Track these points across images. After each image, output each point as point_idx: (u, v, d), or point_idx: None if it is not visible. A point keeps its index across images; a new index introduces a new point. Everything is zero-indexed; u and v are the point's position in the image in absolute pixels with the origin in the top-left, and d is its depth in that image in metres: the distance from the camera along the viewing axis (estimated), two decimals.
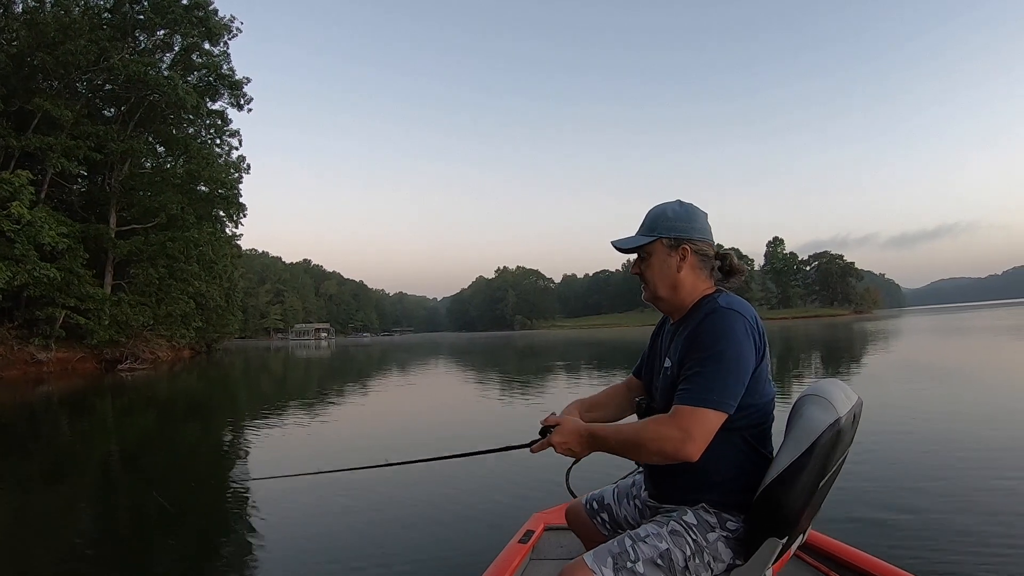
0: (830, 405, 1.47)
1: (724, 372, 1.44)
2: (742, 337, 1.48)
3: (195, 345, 40.19)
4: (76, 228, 28.26)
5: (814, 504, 1.51)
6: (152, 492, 5.68)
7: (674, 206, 1.65)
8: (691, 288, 1.63)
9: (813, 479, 1.44)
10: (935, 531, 3.70)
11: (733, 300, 1.57)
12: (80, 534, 4.68)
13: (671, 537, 1.54)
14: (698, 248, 1.63)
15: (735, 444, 1.54)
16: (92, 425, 11.25)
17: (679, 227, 1.63)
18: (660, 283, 1.64)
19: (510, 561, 2.35)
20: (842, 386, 1.56)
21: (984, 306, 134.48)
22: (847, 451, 1.58)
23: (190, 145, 35.40)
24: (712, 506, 1.57)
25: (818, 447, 1.43)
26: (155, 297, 32.54)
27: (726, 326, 1.49)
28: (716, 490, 1.57)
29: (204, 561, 4.06)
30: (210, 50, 35.28)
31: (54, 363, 27.02)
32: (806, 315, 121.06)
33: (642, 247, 1.65)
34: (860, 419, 1.59)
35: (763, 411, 1.56)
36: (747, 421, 1.53)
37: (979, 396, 9.35)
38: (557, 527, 2.69)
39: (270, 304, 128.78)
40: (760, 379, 1.53)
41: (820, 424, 1.45)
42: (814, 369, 15.61)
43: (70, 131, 28.55)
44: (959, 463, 5.34)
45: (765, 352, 1.54)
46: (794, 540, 1.54)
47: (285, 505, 5.00)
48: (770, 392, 1.58)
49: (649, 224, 1.66)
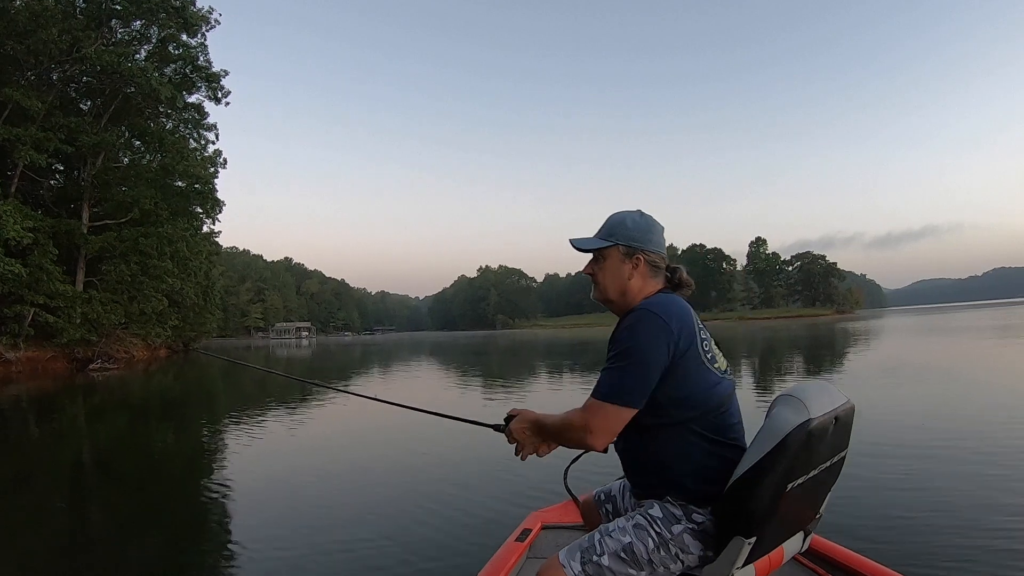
0: (802, 406, 1.43)
1: (629, 368, 1.52)
2: (651, 334, 1.52)
3: (172, 344, 39.37)
4: (46, 223, 27.42)
5: (787, 507, 1.48)
6: (123, 495, 5.67)
7: (634, 216, 1.74)
8: (636, 293, 1.69)
9: (779, 480, 1.42)
10: (930, 533, 3.69)
11: (656, 301, 1.62)
12: (49, 539, 4.55)
13: (634, 531, 1.59)
14: (651, 259, 1.70)
15: (686, 437, 1.57)
16: (61, 427, 10.97)
17: (636, 237, 1.70)
18: (611, 287, 1.71)
19: (507, 560, 2.37)
20: (827, 389, 1.54)
21: (964, 307, 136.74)
22: (835, 456, 1.56)
23: (165, 138, 34.48)
24: (678, 499, 1.59)
25: (784, 448, 1.40)
26: (127, 295, 31.70)
27: (635, 324, 1.55)
28: (680, 483, 1.59)
29: (182, 565, 3.98)
30: (187, 41, 34.44)
31: (23, 363, 26.25)
32: (788, 315, 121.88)
33: (599, 250, 1.73)
34: (851, 424, 1.57)
35: (708, 401, 1.58)
36: (692, 412, 1.56)
37: (968, 394, 9.32)
38: (554, 526, 2.76)
39: (251, 303, 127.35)
40: (689, 371, 1.55)
41: (787, 425, 1.41)
42: (796, 371, 15.47)
43: (41, 123, 27.72)
44: (952, 463, 5.32)
45: (693, 344, 1.56)
46: (769, 542, 1.51)
47: (271, 502, 5.00)
48: (714, 380, 1.59)
49: (608, 230, 1.73)
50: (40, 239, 26.32)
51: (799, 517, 1.61)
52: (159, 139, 34.59)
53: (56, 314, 27.46)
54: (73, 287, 28.99)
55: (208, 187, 36.58)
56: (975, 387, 10.43)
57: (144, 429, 10.50)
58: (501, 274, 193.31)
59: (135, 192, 32.07)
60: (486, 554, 2.49)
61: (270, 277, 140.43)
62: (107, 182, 32.47)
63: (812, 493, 1.56)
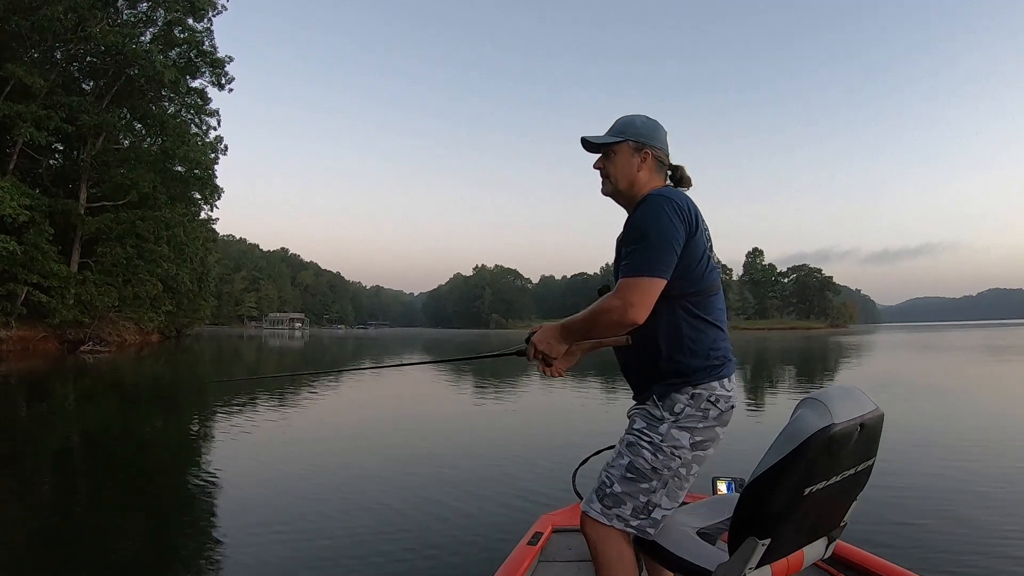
0: (826, 410, 1.39)
1: (653, 244, 1.61)
2: (667, 215, 1.63)
3: (164, 330, 39.15)
4: (43, 202, 27.22)
5: (806, 512, 1.45)
6: (110, 481, 5.59)
7: (642, 118, 1.86)
8: (644, 185, 1.80)
9: (796, 484, 1.39)
10: (954, 538, 3.73)
11: (666, 190, 1.76)
12: (34, 523, 4.43)
13: (628, 450, 1.71)
14: (657, 154, 1.82)
15: (677, 312, 1.68)
16: (50, 408, 10.88)
17: (644, 134, 1.82)
18: (621, 178, 1.81)
19: (519, 564, 2.36)
20: (854, 394, 1.49)
21: (958, 326, 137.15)
22: (861, 465, 1.51)
23: (166, 122, 34.27)
24: (660, 397, 1.70)
25: (803, 452, 1.37)
26: (122, 277, 31.53)
27: (653, 208, 1.66)
28: (669, 357, 1.68)
29: (168, 552, 3.92)
30: (193, 26, 34.26)
31: (14, 341, 26.12)
32: (782, 327, 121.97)
33: (609, 146, 1.83)
34: (880, 433, 1.53)
35: (703, 281, 1.70)
36: (690, 288, 1.68)
37: (969, 411, 9.27)
38: (565, 529, 2.75)
39: (245, 291, 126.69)
40: (696, 251, 1.67)
41: (809, 428, 1.38)
42: (793, 381, 15.38)
43: (43, 101, 27.48)
44: (967, 474, 5.37)
45: (698, 229, 1.68)
46: (786, 545, 1.49)
47: (269, 499, 4.86)
48: (712, 266, 1.74)
49: (619, 128, 1.84)
50: (36, 217, 26.12)
51: (820, 523, 1.57)
52: (160, 122, 34.42)
53: (49, 294, 27.26)
54: (67, 267, 28.79)
55: (208, 173, 36.42)
56: (974, 404, 10.42)
57: (134, 414, 10.36)
58: (497, 273, 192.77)
59: (134, 175, 31.86)
60: (498, 558, 2.47)
61: (266, 267, 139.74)
62: (106, 163, 32.26)
63: (834, 500, 1.52)
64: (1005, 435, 7.50)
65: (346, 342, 50.36)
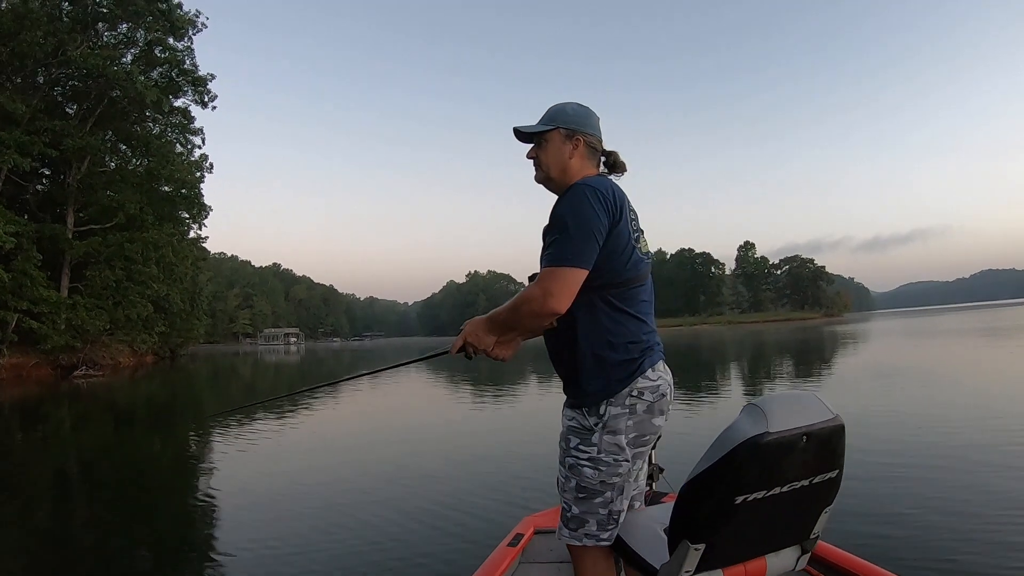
0: (762, 418, 1.33)
1: (575, 234, 1.59)
2: (590, 204, 1.61)
3: (158, 350, 38.92)
4: (30, 228, 27.09)
5: (744, 521, 1.37)
6: (107, 503, 5.60)
7: (573, 105, 1.85)
8: (575, 173, 1.78)
9: (726, 491, 1.33)
10: (934, 539, 3.62)
11: (592, 179, 1.72)
12: (32, 547, 4.44)
13: (572, 472, 1.69)
14: (589, 141, 1.81)
15: (598, 304, 1.66)
16: (45, 434, 10.85)
17: (575, 121, 1.80)
18: (553, 165, 1.80)
19: (499, 564, 2.36)
20: (804, 401, 1.42)
21: (951, 309, 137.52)
22: (815, 477, 1.41)
23: (151, 143, 34.20)
24: (590, 407, 1.67)
25: (731, 460, 1.32)
26: (112, 300, 31.36)
27: (575, 197, 1.64)
28: (584, 362, 1.67)
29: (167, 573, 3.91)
30: (173, 45, 34.21)
31: (6, 369, 25.99)
32: (777, 319, 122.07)
33: (541, 134, 1.81)
34: (838, 444, 1.41)
35: (625, 273, 1.68)
36: (610, 279, 1.66)
37: (965, 398, 9.16)
38: (547, 530, 2.74)
39: (239, 308, 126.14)
40: (619, 243, 1.65)
41: (739, 435, 1.33)
42: (779, 377, 15.39)
43: (26, 127, 27.37)
44: (953, 466, 5.24)
45: (623, 218, 1.66)
46: (726, 553, 1.43)
47: (257, 509, 4.92)
48: (637, 258, 1.71)
49: (550, 116, 1.83)
50: (24, 244, 25.99)
51: (774, 533, 1.49)
52: (145, 143, 34.38)
53: (40, 320, 27.11)
54: (57, 293, 28.64)
55: (194, 192, 36.37)
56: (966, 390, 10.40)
57: (129, 436, 10.31)
58: (490, 279, 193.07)
59: (120, 197, 31.77)
60: (478, 559, 2.48)
61: (258, 283, 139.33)
62: (92, 186, 32.15)
63: (786, 511, 1.43)
64: (1000, 425, 7.32)
65: (342, 354, 50.18)
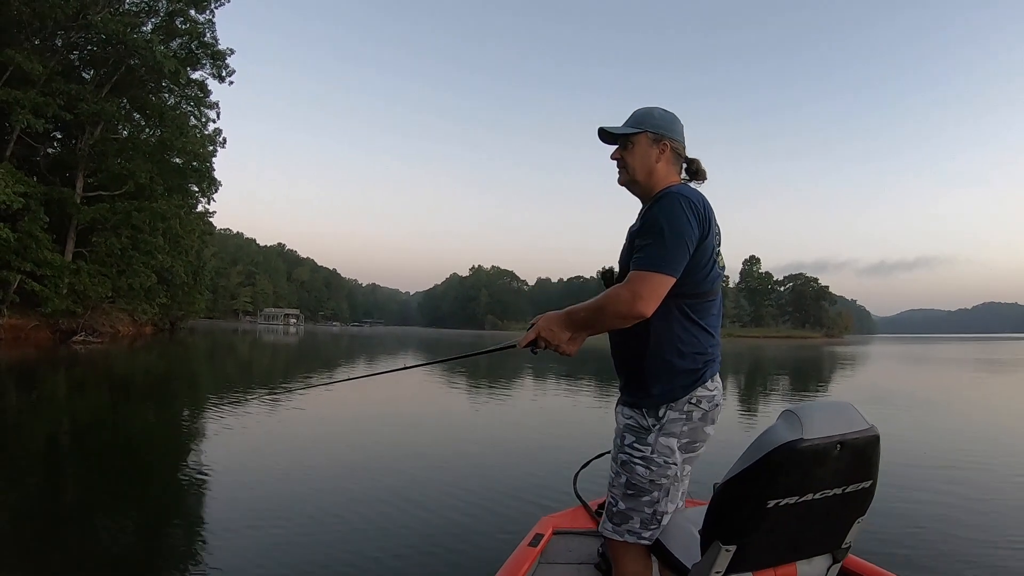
0: (798, 424, 1.35)
1: (668, 242, 1.62)
2: (683, 214, 1.64)
3: (158, 322, 38.88)
4: (38, 189, 27.00)
5: (776, 526, 1.40)
6: (99, 473, 5.51)
7: (659, 110, 1.87)
8: (662, 178, 1.82)
9: (759, 494, 1.36)
10: (964, 552, 3.66)
11: (684, 188, 1.77)
12: (20, 515, 4.37)
13: (623, 468, 1.74)
14: (675, 147, 1.84)
15: (673, 312, 1.69)
16: (39, 398, 10.76)
17: (663, 126, 1.83)
18: (640, 169, 1.83)
19: (519, 565, 2.36)
20: (841, 411, 1.44)
21: (952, 338, 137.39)
22: (849, 486, 1.42)
23: (165, 113, 34.05)
24: (649, 408, 1.72)
25: (766, 463, 1.35)
26: (116, 268, 31.27)
27: (670, 205, 1.67)
28: (659, 358, 1.70)
29: (156, 545, 3.86)
30: (195, 17, 34.07)
31: (5, 330, 25.88)
32: (777, 335, 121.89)
33: (628, 136, 1.84)
34: (873, 454, 1.44)
35: (703, 285, 1.71)
36: (690, 290, 1.69)
37: (973, 425, 9.15)
38: (566, 531, 2.76)
39: (241, 286, 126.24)
40: (704, 254, 1.69)
41: (775, 440, 1.35)
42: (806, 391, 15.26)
43: (41, 88, 27.25)
44: (977, 488, 5.31)
45: (710, 231, 1.70)
46: (758, 557, 1.46)
47: (270, 497, 4.76)
48: (716, 273, 1.75)
49: (637, 119, 1.85)
50: (32, 205, 25.90)
51: (806, 540, 1.52)
52: (159, 113, 34.22)
53: (42, 283, 27.00)
54: (62, 256, 28.54)
55: (205, 165, 36.28)
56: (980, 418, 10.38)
57: (124, 406, 10.23)
58: (493, 275, 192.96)
59: (131, 165, 31.65)
60: (498, 559, 2.48)
61: (262, 262, 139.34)
62: (104, 153, 32.02)
63: (818, 518, 1.45)
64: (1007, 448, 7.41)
65: (341, 339, 50.11)
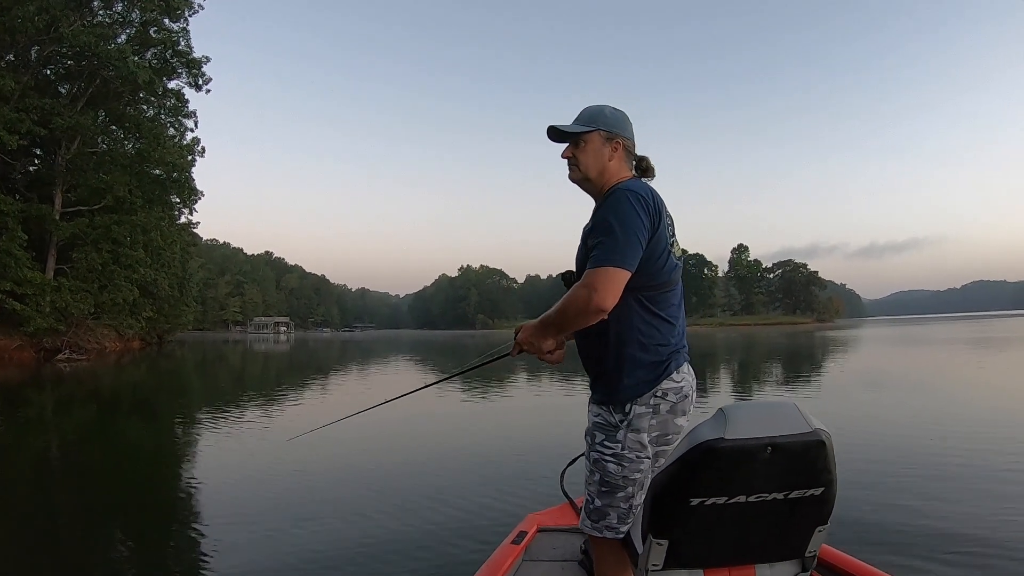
0: (723, 423, 1.31)
1: (620, 237, 1.63)
2: (632, 208, 1.66)
3: (145, 336, 38.38)
4: (16, 207, 26.59)
5: (704, 524, 1.37)
6: (89, 491, 5.50)
7: (610, 108, 1.90)
8: (614, 175, 1.84)
9: (679, 490, 1.34)
10: (929, 541, 3.64)
11: (633, 183, 1.78)
12: (12, 534, 4.37)
13: (596, 467, 1.75)
14: (627, 144, 1.87)
15: (631, 305, 1.71)
16: (25, 418, 10.70)
17: (614, 124, 1.86)
18: (592, 167, 1.84)
19: (502, 562, 2.36)
20: (780, 410, 1.36)
21: (942, 318, 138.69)
22: (793, 491, 1.35)
23: (142, 124, 33.58)
24: (616, 405, 1.74)
25: (684, 461, 1.34)
26: (98, 284, 30.81)
27: (618, 201, 1.68)
28: (612, 362, 1.74)
29: (148, 562, 3.83)
30: (169, 26, 33.56)
31: None
32: (768, 322, 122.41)
33: (580, 135, 1.85)
34: (818, 459, 1.33)
35: (660, 276, 1.73)
36: (643, 282, 1.70)
37: (957, 407, 9.11)
38: (551, 528, 2.77)
39: (229, 296, 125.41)
40: (656, 247, 1.70)
41: (696, 438, 1.33)
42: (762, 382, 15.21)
43: (15, 104, 26.81)
44: (957, 474, 5.29)
45: (661, 222, 1.72)
46: (694, 555, 1.44)
47: (260, 503, 4.78)
48: (672, 263, 1.77)
49: (588, 118, 1.87)
50: (9, 223, 25.57)
51: (751, 544, 1.46)
52: (136, 124, 33.72)
53: (23, 301, 26.62)
54: (42, 274, 28.15)
55: (185, 175, 35.74)
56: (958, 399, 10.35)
57: (112, 423, 10.13)
58: (482, 274, 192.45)
59: (110, 178, 31.21)
60: (481, 556, 2.48)
61: (250, 271, 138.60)
62: (82, 167, 31.59)
63: (761, 523, 1.40)
64: (998, 432, 7.31)
65: (332, 345, 49.98)
